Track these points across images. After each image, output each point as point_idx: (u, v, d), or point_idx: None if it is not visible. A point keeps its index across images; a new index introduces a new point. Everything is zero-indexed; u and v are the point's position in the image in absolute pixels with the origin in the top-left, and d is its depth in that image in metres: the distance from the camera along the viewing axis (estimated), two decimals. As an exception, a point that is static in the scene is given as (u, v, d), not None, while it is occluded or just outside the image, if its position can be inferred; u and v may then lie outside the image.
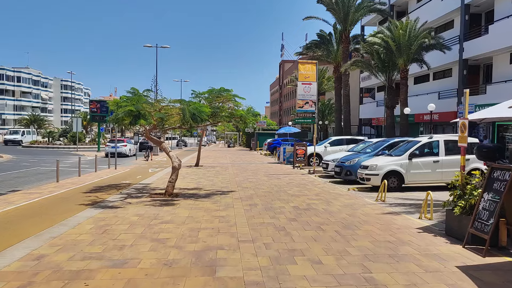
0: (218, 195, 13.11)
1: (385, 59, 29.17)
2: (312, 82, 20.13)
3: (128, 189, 14.78)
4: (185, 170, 22.60)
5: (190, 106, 11.10)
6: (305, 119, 20.55)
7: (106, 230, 8.04)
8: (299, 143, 25.39)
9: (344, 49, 38.27)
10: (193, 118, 10.93)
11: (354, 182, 15.84)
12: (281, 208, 10.66)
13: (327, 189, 14.48)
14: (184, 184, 16.04)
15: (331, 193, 13.41)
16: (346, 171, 16.07)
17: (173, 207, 10.70)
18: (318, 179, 17.95)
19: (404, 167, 13.64)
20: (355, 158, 16.15)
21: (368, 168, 13.95)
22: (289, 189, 14.58)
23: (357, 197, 12.70)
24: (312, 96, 20.18)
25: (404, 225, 8.58)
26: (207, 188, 14.79)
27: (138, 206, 10.88)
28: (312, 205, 11.12)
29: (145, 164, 28.25)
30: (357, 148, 19.88)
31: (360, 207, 10.83)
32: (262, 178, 18.60)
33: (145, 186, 15.67)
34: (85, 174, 20.70)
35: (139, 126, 12.54)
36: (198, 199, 12.25)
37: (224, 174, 20.26)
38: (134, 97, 10.81)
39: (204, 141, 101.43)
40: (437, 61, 30.63)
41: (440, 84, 33.56)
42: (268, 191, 14.04)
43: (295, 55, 46.51)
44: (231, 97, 12.48)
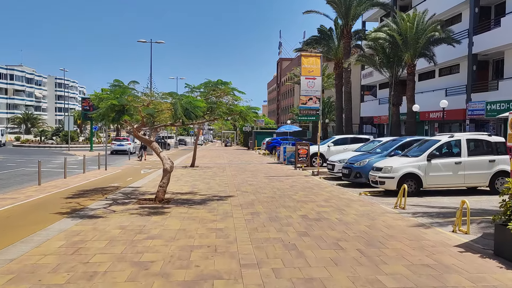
0: (215, 201, 11.67)
1: (390, 54, 27.78)
2: (316, 76, 18.71)
3: (115, 193, 13.32)
4: (180, 172, 21.15)
5: (182, 100, 9.63)
6: (309, 116, 19.13)
7: (78, 250, 6.58)
8: (301, 142, 23.96)
9: (345, 45, 36.83)
10: (186, 114, 9.47)
11: (364, 185, 14.43)
12: (288, 218, 9.22)
13: (336, 194, 13.06)
14: (178, 188, 14.59)
15: (341, 199, 11.99)
16: (356, 173, 14.65)
17: (163, 217, 9.25)
18: (324, 182, 16.53)
19: (423, 169, 12.23)
20: (365, 159, 14.73)
21: (382, 170, 12.53)
22: (294, 193, 13.15)
23: (372, 203, 11.28)
24: (316, 92, 18.75)
25: (438, 241, 7.16)
26: (203, 193, 13.34)
27: (122, 216, 9.42)
28: (323, 213, 9.68)
29: (138, 165, 26.77)
30: (364, 148, 18.47)
31: (378, 216, 9.41)
32: (263, 180, 17.17)
33: (135, 190, 14.22)
34: (72, 176, 19.22)
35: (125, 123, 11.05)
36: (192, 206, 10.80)
37: (221, 176, 18.82)
38: (117, 90, 9.35)
39: (200, 140, 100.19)
40: (443, 57, 29.27)
41: (446, 80, 32.21)
42: (271, 196, 12.61)
43: (295, 51, 45.12)
44: (229, 91, 11.02)
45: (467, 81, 27.74)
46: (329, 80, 53.85)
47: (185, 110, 9.48)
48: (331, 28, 40.36)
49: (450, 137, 12.74)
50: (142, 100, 10.00)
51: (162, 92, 9.71)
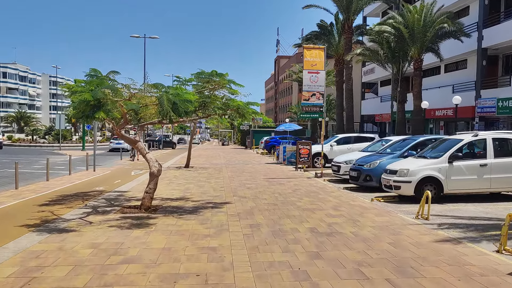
0: (209, 208, 10.24)
1: (396, 49, 26.36)
2: (320, 70, 17.28)
3: (97, 199, 11.88)
4: (173, 173, 19.71)
5: (169, 92, 8.19)
6: (312, 113, 17.71)
7: (29, 282, 5.15)
8: (303, 142, 22.54)
9: (347, 40, 35.45)
10: (174, 109, 8.04)
11: (375, 190, 13.04)
12: (294, 231, 7.81)
13: (345, 200, 11.64)
14: (168, 192, 13.16)
15: (352, 206, 10.58)
16: (366, 176, 13.25)
17: (146, 231, 7.82)
18: (329, 185, 15.11)
19: (443, 173, 10.83)
20: (376, 160, 13.33)
21: (397, 174, 11.13)
22: (298, 199, 11.74)
23: (388, 211, 9.87)
24: (320, 87, 17.33)
25: (485, 267, 5.75)
26: (196, 198, 11.91)
27: (99, 229, 7.98)
28: (335, 226, 8.27)
29: (130, 165, 25.30)
30: (371, 148, 17.09)
31: (400, 229, 8.00)
32: (262, 183, 15.74)
33: (120, 194, 12.78)
34: (56, 178, 17.77)
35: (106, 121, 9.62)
36: (182, 215, 9.37)
37: (217, 178, 17.38)
38: (93, 81, 7.91)
39: (197, 139, 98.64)
40: (450, 52, 27.86)
41: (452, 77, 30.84)
42: (272, 202, 11.19)
43: (294, 46, 43.72)
44: (225, 83, 9.58)
45: (476, 76, 26.37)
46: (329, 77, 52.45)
47: (172, 104, 8.05)
48: (331, 23, 38.98)
49: (474, 136, 11.34)
50: (122, 93, 8.52)
51: (146, 84, 8.25)
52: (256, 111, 10.71)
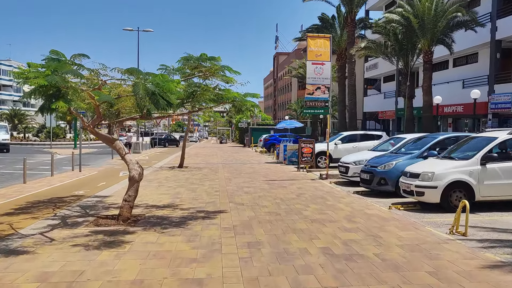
0: (199, 219, 8.63)
1: (404, 40, 24.77)
2: (325, 61, 15.67)
3: (71, 206, 10.28)
4: (165, 174, 18.10)
5: (147, 80, 6.58)
6: (316, 109, 16.10)
7: None
8: (306, 140, 20.96)
9: (349, 34, 33.89)
10: (153, 101, 6.43)
11: (390, 195, 11.47)
12: (304, 253, 6.21)
13: (359, 207, 10.04)
14: (156, 197, 11.55)
15: (369, 216, 8.98)
16: (380, 179, 11.65)
17: (118, 253, 6.22)
18: (337, 189, 13.52)
19: (475, 176, 9.24)
20: (392, 161, 11.73)
21: (420, 177, 9.53)
22: (304, 206, 10.13)
23: (413, 223, 8.28)
24: (325, 80, 15.71)
25: None
26: (186, 205, 10.30)
27: (59, 250, 6.38)
28: (353, 245, 6.67)
29: (121, 165, 23.66)
30: (382, 147, 15.50)
31: (436, 249, 6.40)
32: (262, 186, 14.14)
33: (100, 200, 11.17)
34: (36, 180, 16.19)
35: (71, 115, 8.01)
36: (166, 229, 7.78)
37: (212, 180, 15.77)
38: (52, 64, 6.30)
39: (195, 137, 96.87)
40: (460, 44, 26.25)
41: (462, 71, 29.26)
42: (274, 211, 9.59)
43: (294, 41, 42.04)
44: (217, 69, 7.96)
45: (490, 70, 24.78)
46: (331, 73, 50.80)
47: (151, 94, 6.43)
48: (333, 16, 37.35)
49: (510, 133, 9.74)
50: (86, 80, 6.88)
51: (118, 69, 6.63)
52: (256, 104, 9.09)
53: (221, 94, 8.32)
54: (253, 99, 9.17)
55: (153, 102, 6.43)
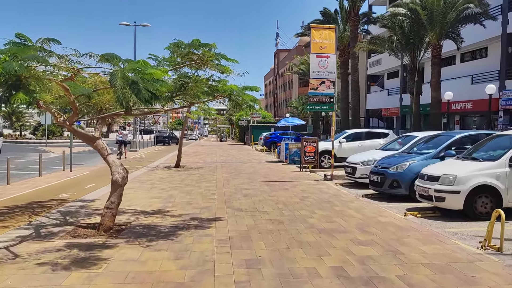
0: (191, 229, 7.60)
1: (410, 34, 23.66)
2: (330, 54, 14.61)
3: (51, 212, 9.25)
4: (160, 174, 17.07)
5: (126, 68, 5.54)
6: (321, 105, 15.03)
7: None
8: (308, 138, 19.92)
9: (353, 29, 32.89)
10: (134, 91, 5.39)
11: (403, 198, 10.44)
12: (313, 276, 5.18)
13: (371, 214, 9.00)
14: (146, 202, 10.52)
15: (383, 225, 7.94)
16: (392, 182, 10.60)
17: (89, 275, 5.18)
18: (343, 191, 12.48)
19: (503, 180, 8.20)
20: (405, 162, 10.69)
21: (441, 181, 8.49)
22: (309, 213, 9.10)
23: (437, 235, 7.23)
24: (330, 74, 14.66)
25: None
26: (178, 212, 9.27)
27: (21, 269, 5.36)
28: (371, 263, 5.64)
29: (114, 164, 22.64)
30: (391, 146, 14.47)
31: (471, 270, 5.37)
32: (262, 187, 13.11)
33: (84, 205, 10.13)
34: (22, 181, 15.24)
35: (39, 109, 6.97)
36: (152, 241, 6.75)
37: (209, 181, 14.74)
38: (12, 49, 5.26)
39: (195, 135, 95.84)
40: (469, 39, 25.16)
41: (470, 67, 28.20)
42: (276, 218, 8.55)
43: (295, 36, 40.98)
44: (211, 56, 6.90)
45: (501, 65, 23.72)
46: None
47: (131, 84, 5.38)
48: (336, 10, 36.31)
49: (541, 131, 8.70)
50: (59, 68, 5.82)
51: (91, 54, 5.56)
52: (255, 98, 8.04)
53: (215, 86, 7.27)
54: (253, 92, 8.13)
55: (134, 93, 5.39)
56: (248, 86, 7.94)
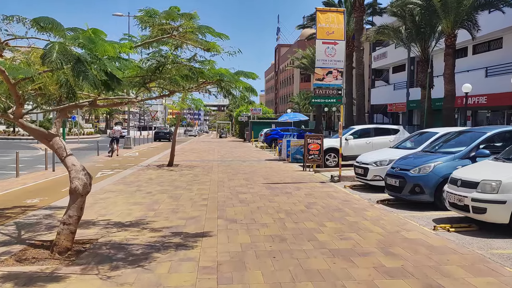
0: (171, 250, 6.03)
1: (421, 23, 22.01)
2: (338, 40, 13.01)
3: (6, 224, 7.70)
4: (149, 174, 15.49)
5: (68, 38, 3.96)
6: (327, 98, 13.43)
7: None
8: (312, 135, 18.35)
9: (358, 19, 31.20)
10: (76, 72, 3.81)
11: (427, 206, 8.88)
12: (330, 333, 3.61)
13: (392, 227, 7.42)
14: (126, 208, 8.96)
15: (412, 244, 6.36)
16: (414, 186, 9.01)
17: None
18: (355, 195, 10.90)
19: (558, 187, 6.60)
20: (429, 163, 9.10)
21: (480, 188, 6.91)
22: (317, 225, 7.52)
23: (485, 261, 5.65)
24: (338, 63, 13.06)
25: None
26: (160, 223, 7.70)
27: None
28: (409, 309, 4.07)
29: (103, 163, 21.11)
30: (407, 144, 12.89)
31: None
32: (262, 191, 11.54)
33: (51, 214, 8.57)
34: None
35: None
36: (116, 270, 5.19)
37: (202, 183, 13.17)
38: None
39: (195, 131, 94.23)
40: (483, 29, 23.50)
41: (483, 58, 26.56)
42: (278, 233, 6.97)
43: (297, 28, 39.25)
44: (192, 28, 5.29)
45: (519, 56, 22.06)
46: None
47: (75, 62, 3.81)
48: (340, 1, 34.72)
49: None
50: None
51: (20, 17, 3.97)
52: (252, 87, 6.44)
53: (199, 69, 5.67)
54: (249, 80, 6.54)
55: (78, 75, 3.82)
56: (243, 72, 6.35)
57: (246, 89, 6.28)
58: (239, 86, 6.17)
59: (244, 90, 6.31)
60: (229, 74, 5.91)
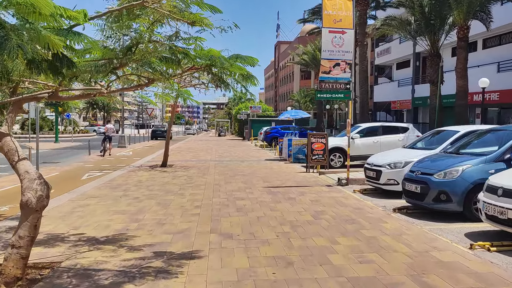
0: (147, 280, 4.78)
1: (431, 15, 20.75)
2: (347, 29, 11.77)
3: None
4: (140, 176, 14.25)
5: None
6: (334, 92, 12.18)
7: None
8: (316, 133, 17.12)
9: (361, 13, 30.08)
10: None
11: (455, 216, 7.65)
12: None
13: (420, 246, 6.17)
14: (105, 219, 7.72)
15: (449, 269, 5.13)
16: (439, 194, 7.77)
17: None
18: (367, 202, 9.65)
19: None
20: (456, 166, 7.85)
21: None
22: (329, 242, 6.29)
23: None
24: (347, 53, 11.82)
25: None
26: (140, 240, 6.46)
27: None
28: None
29: (93, 163, 19.87)
30: (423, 144, 11.66)
31: None
32: (262, 196, 10.30)
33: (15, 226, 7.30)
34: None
35: None
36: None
37: (197, 186, 11.93)
38: None
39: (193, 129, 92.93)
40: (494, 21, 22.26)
41: (494, 53, 25.33)
42: (282, 255, 5.74)
43: (298, 22, 38.06)
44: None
45: (534, 50, 20.82)
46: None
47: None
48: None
49: None
50: None
51: None
52: (250, 73, 5.20)
53: (183, 49, 4.42)
54: (248, 67, 5.30)
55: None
56: (240, 56, 5.11)
57: (243, 76, 5.03)
58: (235, 73, 4.93)
59: (240, 78, 5.07)
60: (220, 57, 4.68)
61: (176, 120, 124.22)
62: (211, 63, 4.62)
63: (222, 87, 5.03)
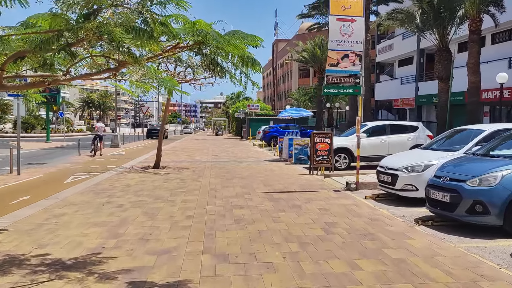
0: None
1: (440, 7, 19.60)
2: (357, 17, 10.61)
3: None
4: (129, 179, 13.03)
5: None
6: (342, 88, 11.02)
7: None
8: (321, 133, 15.92)
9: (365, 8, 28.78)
10: None
11: (488, 230, 6.49)
12: None
13: (465, 275, 4.98)
14: (79, 233, 6.51)
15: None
16: (473, 204, 6.58)
17: None
18: (383, 211, 8.46)
19: None
20: (494, 171, 6.66)
21: None
22: (348, 266, 5.11)
23: None
24: (356, 44, 10.65)
25: None
26: (115, 264, 5.26)
27: None
28: None
29: (81, 164, 18.62)
30: (442, 144, 10.48)
31: None
32: (263, 204, 9.10)
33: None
34: None
35: None
36: None
37: (190, 191, 10.73)
38: None
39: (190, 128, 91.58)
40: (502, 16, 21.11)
41: (504, 48, 24.18)
42: (290, 286, 4.54)
43: (298, 17, 36.78)
44: None
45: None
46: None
47: None
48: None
49: None
50: None
51: None
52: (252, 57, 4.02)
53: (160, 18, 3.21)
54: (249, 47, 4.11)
55: None
56: (238, 31, 3.91)
57: (243, 59, 3.85)
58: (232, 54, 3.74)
59: (240, 62, 3.89)
60: (214, 32, 3.49)
61: (172, 119, 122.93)
62: (202, 38, 3.44)
63: (216, 72, 3.83)
